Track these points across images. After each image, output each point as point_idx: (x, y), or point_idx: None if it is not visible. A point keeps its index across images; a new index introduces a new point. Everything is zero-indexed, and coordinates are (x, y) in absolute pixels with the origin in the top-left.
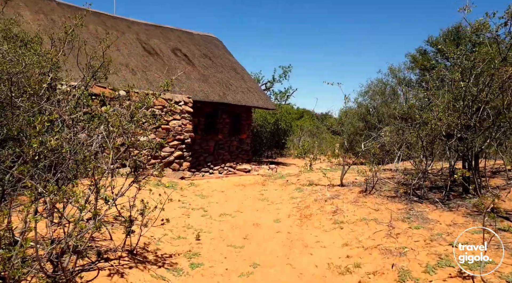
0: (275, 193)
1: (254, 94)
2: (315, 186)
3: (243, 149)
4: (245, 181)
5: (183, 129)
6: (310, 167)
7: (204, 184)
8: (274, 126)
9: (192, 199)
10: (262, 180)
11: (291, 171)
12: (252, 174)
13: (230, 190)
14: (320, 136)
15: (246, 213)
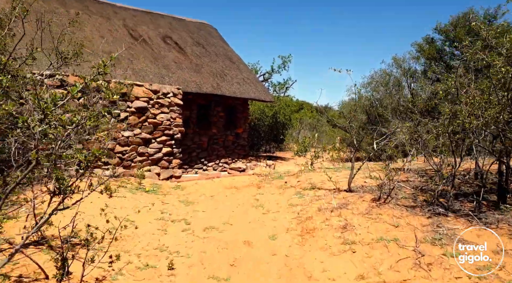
0: (271, 198)
1: (251, 85)
2: (318, 191)
3: (239, 144)
4: (238, 182)
5: (172, 123)
6: (312, 166)
7: (191, 187)
8: (273, 119)
9: (174, 207)
10: (258, 181)
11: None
12: (247, 173)
13: (221, 194)
14: (320, 129)
15: (236, 226)
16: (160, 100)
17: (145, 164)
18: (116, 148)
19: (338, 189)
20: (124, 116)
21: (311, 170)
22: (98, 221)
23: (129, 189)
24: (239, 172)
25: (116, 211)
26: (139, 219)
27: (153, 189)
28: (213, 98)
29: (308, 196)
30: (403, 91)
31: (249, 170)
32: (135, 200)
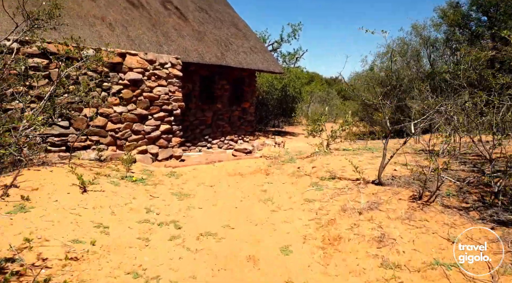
0: (282, 190)
1: (259, 55)
2: (339, 181)
3: (246, 119)
4: (244, 167)
5: (170, 97)
6: (328, 148)
7: (188, 174)
8: (282, 93)
9: (164, 202)
10: (266, 165)
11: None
12: (254, 156)
13: (223, 183)
14: (330, 102)
15: (239, 230)
16: (156, 71)
17: (141, 143)
18: (108, 125)
19: (364, 180)
20: (116, 89)
21: (327, 153)
22: (56, 231)
23: (113, 178)
24: (245, 154)
25: (87, 214)
26: (115, 223)
27: (142, 178)
28: (217, 70)
29: (327, 188)
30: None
31: (256, 151)
32: (115, 195)
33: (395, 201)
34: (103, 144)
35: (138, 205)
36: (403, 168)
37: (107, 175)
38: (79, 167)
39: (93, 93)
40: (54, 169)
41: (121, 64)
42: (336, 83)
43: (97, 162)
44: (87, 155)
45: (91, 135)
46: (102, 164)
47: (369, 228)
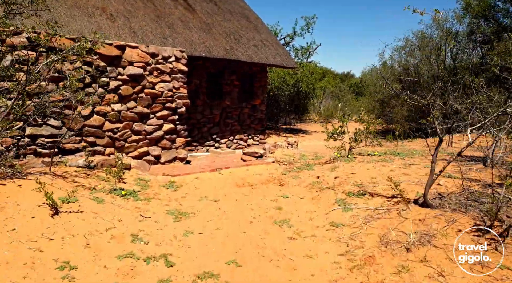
0: (301, 207)
1: (271, 49)
2: (371, 199)
3: (256, 117)
4: (254, 175)
5: (174, 94)
6: (350, 153)
7: (190, 184)
8: (294, 89)
9: (157, 225)
10: (279, 173)
11: (315, 145)
12: (265, 160)
13: (229, 196)
14: (343, 98)
15: (248, 269)
16: (159, 65)
17: (142, 144)
18: (105, 125)
19: (403, 199)
20: (114, 85)
21: (350, 159)
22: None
23: (98, 192)
24: (256, 159)
25: (51, 249)
26: (87, 261)
27: (133, 191)
28: (226, 64)
29: (357, 207)
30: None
31: (267, 154)
32: (96, 217)
33: (453, 233)
34: (100, 146)
35: (123, 231)
36: (448, 181)
37: (92, 188)
38: (59, 179)
39: (89, 89)
40: (24, 183)
41: (120, 57)
42: (348, 78)
43: (85, 170)
44: (75, 161)
45: (87, 135)
46: (91, 172)
47: (425, 276)
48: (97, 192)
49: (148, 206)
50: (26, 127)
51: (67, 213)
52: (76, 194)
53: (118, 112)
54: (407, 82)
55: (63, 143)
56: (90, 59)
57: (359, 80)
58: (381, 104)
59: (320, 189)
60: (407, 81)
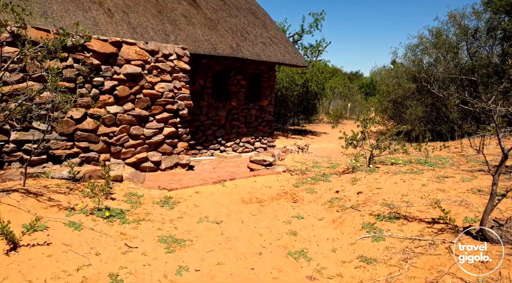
0: (320, 232)
1: (280, 46)
2: (407, 224)
3: (264, 119)
4: (262, 189)
5: (176, 95)
6: (372, 162)
7: (189, 200)
8: (303, 89)
9: (145, 259)
10: (291, 185)
11: (327, 147)
12: (275, 169)
13: (234, 216)
14: (352, 98)
15: None
16: (159, 64)
17: (141, 149)
18: (100, 128)
19: (450, 226)
20: (109, 85)
21: (373, 169)
22: None
23: (77, 213)
24: (264, 167)
25: None
26: None
27: (121, 211)
28: (232, 63)
29: (390, 236)
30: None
31: (277, 161)
32: (67, 250)
33: None
34: (94, 151)
35: (99, 270)
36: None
37: (71, 208)
38: (30, 197)
39: (81, 90)
40: None
41: (116, 55)
42: (356, 77)
43: (69, 183)
44: (59, 173)
45: (79, 140)
46: (75, 186)
47: None
48: (76, 214)
49: (136, 231)
50: (11, 131)
51: (29, 247)
52: (48, 218)
53: (114, 114)
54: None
55: (52, 149)
56: (82, 56)
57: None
58: (394, 104)
59: (341, 208)
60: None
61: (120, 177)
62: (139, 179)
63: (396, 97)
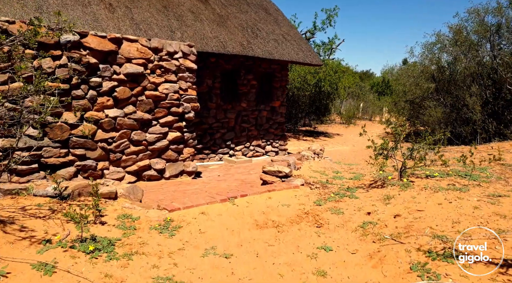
0: (356, 273)
1: (293, 44)
2: (471, 267)
3: (275, 121)
4: (279, 208)
5: (181, 96)
6: (404, 174)
7: (192, 224)
8: (316, 89)
9: None
10: (313, 203)
11: (342, 150)
12: (292, 183)
13: (246, 247)
14: (365, 97)
15: None
16: (163, 62)
17: (143, 156)
18: (98, 134)
19: None
20: (108, 86)
21: (407, 184)
22: None
23: (55, 247)
24: (279, 179)
25: None
26: None
27: (109, 242)
28: (243, 62)
29: None
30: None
31: (293, 170)
32: None
33: None
34: (91, 159)
35: None
36: None
37: (47, 239)
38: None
39: (77, 91)
40: None
41: (116, 53)
42: (367, 76)
43: (54, 202)
44: (43, 189)
45: (74, 147)
46: (60, 206)
47: None
48: (51, 250)
49: (126, 270)
50: None
51: None
52: (12, 259)
53: (113, 118)
54: (441, 81)
55: (44, 157)
56: (77, 54)
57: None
58: (411, 105)
59: (378, 238)
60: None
61: (114, 194)
62: (136, 196)
63: (413, 98)
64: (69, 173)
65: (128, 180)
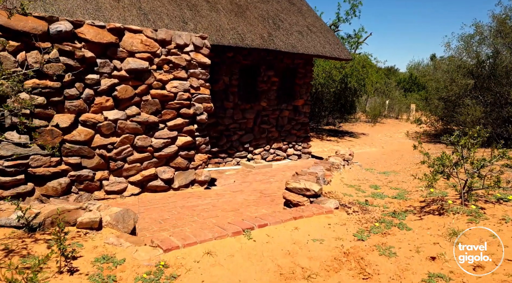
0: None
1: (319, 36)
2: None
3: (298, 121)
4: (309, 245)
5: (193, 96)
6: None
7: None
8: (341, 85)
9: None
10: (352, 237)
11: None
12: (324, 206)
13: None
14: (391, 94)
15: None
16: (172, 57)
17: (148, 164)
18: (95, 139)
19: None
20: (107, 84)
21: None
22: None
23: None
24: (307, 199)
25: None
26: None
27: None
28: (263, 56)
29: None
30: None
31: (323, 185)
32: None
33: None
34: (87, 169)
35: None
36: None
37: None
38: None
39: (70, 90)
40: None
41: (116, 46)
42: (391, 73)
43: (16, 235)
44: (5, 218)
45: (68, 155)
46: (23, 243)
47: None
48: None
49: None
50: None
51: None
52: None
53: (113, 121)
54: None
55: (32, 167)
56: (70, 47)
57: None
58: (445, 103)
59: None
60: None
61: (97, 223)
62: (126, 225)
63: (448, 95)
64: (61, 185)
65: (131, 192)
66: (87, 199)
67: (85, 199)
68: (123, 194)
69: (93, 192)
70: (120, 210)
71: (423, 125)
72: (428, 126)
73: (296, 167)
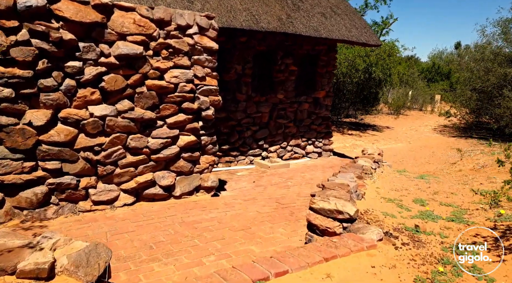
0: None
1: (344, 19)
2: None
3: (319, 115)
4: None
5: (197, 88)
6: None
7: None
8: (365, 75)
9: None
10: None
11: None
12: (364, 238)
13: None
14: (414, 84)
15: None
16: (172, 40)
17: (144, 169)
18: (79, 140)
19: None
20: (93, 73)
21: None
22: None
23: None
24: (339, 224)
25: None
26: None
27: None
28: (280, 42)
29: None
30: None
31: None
32: None
33: None
34: (70, 175)
35: None
36: None
37: None
38: None
39: (45, 80)
40: None
41: (103, 26)
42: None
43: None
44: None
45: (45, 159)
46: None
47: None
48: None
49: None
50: None
51: None
52: None
53: (100, 118)
54: None
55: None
56: (44, 27)
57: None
58: (479, 94)
59: None
60: None
61: (46, 271)
62: (91, 269)
63: (484, 86)
64: (37, 195)
65: (123, 202)
66: (70, 211)
67: (68, 211)
68: (114, 204)
69: (78, 202)
70: (84, 247)
71: (452, 118)
72: (458, 119)
73: (317, 166)
